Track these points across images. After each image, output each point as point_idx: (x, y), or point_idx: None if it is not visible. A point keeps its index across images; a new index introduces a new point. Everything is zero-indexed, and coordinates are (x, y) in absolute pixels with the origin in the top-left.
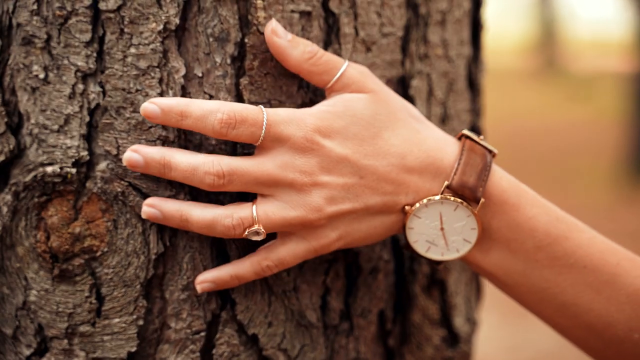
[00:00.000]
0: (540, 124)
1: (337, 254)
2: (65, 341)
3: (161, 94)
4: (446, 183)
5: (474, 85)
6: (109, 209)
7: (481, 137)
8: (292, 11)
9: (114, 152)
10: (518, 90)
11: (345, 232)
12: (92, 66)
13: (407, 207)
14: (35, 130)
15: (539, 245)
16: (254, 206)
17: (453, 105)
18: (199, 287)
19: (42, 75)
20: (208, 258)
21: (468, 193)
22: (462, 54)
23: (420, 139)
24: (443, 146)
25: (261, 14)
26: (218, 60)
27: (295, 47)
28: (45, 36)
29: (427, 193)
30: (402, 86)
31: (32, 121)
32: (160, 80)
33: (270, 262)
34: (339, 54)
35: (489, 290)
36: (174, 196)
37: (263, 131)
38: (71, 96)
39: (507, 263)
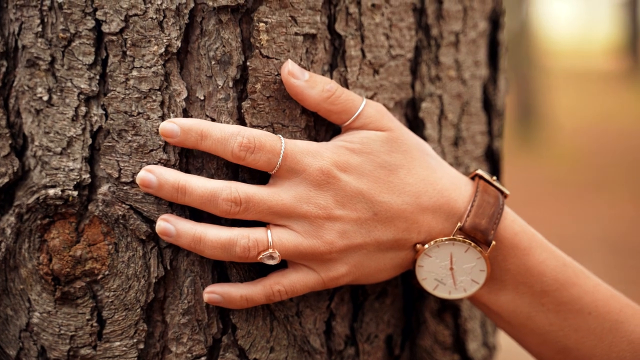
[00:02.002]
0: (627, 126)
1: None
2: None
3: (162, 118)
4: (459, 225)
5: (491, 107)
6: (110, 232)
7: (494, 178)
8: (296, 34)
9: (116, 175)
10: (605, 92)
11: (354, 267)
12: (94, 89)
13: (418, 246)
14: (39, 153)
15: (547, 290)
16: (269, 231)
17: (467, 127)
18: (206, 297)
19: (46, 97)
20: (209, 282)
21: (480, 236)
22: (478, 75)
23: (435, 179)
24: (457, 186)
25: (264, 36)
26: (220, 83)
27: (313, 87)
28: (49, 58)
29: (439, 233)
30: (412, 109)
31: (36, 143)
32: (162, 103)
33: (281, 287)
34: (345, 77)
35: None
36: None
37: (280, 160)
38: (74, 119)
39: (514, 304)
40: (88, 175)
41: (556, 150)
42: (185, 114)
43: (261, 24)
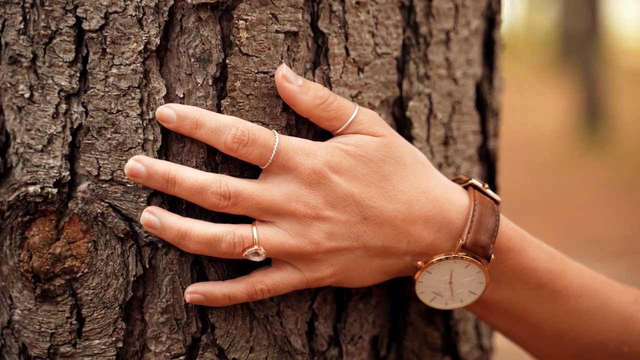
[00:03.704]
0: None
1: None
2: None
3: (141, 115)
4: (461, 242)
5: (485, 106)
6: (90, 230)
7: (485, 185)
8: (277, 31)
9: (95, 172)
10: None
11: (339, 270)
12: (75, 86)
13: (419, 263)
14: (21, 150)
15: (541, 283)
16: (254, 228)
17: (458, 126)
18: (187, 297)
19: (27, 95)
20: (188, 281)
21: (480, 251)
22: (470, 74)
23: (428, 187)
24: (450, 197)
25: (244, 34)
26: (199, 81)
27: (306, 93)
28: (31, 55)
29: (430, 244)
30: (399, 107)
31: (18, 140)
32: (141, 101)
33: (264, 286)
34: (328, 75)
35: None
36: None
37: (272, 155)
38: (54, 116)
39: (509, 300)
40: (68, 173)
41: (623, 150)
42: None
43: (241, 22)
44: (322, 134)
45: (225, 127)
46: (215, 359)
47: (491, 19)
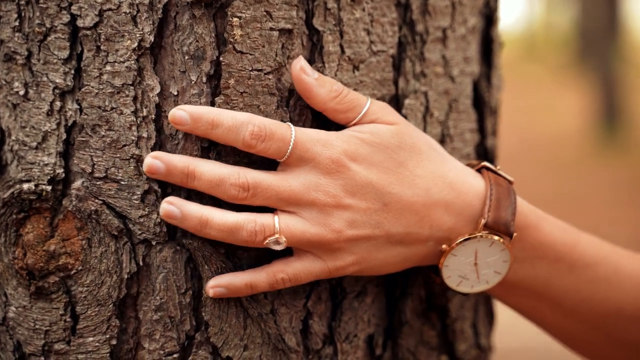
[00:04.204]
0: None
1: None
2: (42, 359)
3: (135, 113)
4: (483, 221)
5: (483, 104)
6: (84, 227)
7: (498, 167)
8: (271, 29)
9: (89, 170)
10: None
11: (362, 258)
12: (69, 83)
13: (444, 246)
14: (16, 147)
15: (559, 256)
16: (276, 217)
17: (455, 124)
18: (211, 292)
19: (22, 92)
20: (182, 279)
21: (502, 228)
22: (467, 72)
23: (444, 172)
24: (466, 179)
25: (237, 31)
26: (193, 78)
27: (322, 86)
28: (26, 53)
29: (451, 227)
30: (395, 105)
31: (13, 137)
32: (135, 99)
33: (285, 275)
34: (323, 73)
35: None
36: (147, 216)
37: (290, 148)
38: (49, 113)
39: (531, 278)
40: (62, 170)
41: None
42: (158, 109)
43: (235, 19)
44: None
45: (242, 125)
46: (209, 357)
47: (489, 16)
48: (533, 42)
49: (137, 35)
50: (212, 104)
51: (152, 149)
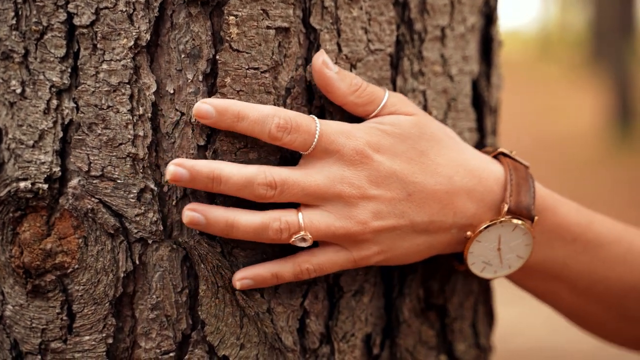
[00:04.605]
0: None
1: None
2: (39, 357)
3: (131, 111)
4: (506, 206)
5: (483, 103)
6: (80, 226)
7: (513, 152)
8: (268, 27)
9: (85, 168)
10: None
11: (387, 247)
12: (66, 82)
13: (469, 233)
14: (13, 145)
15: (575, 237)
16: (300, 213)
17: (453, 123)
18: (238, 284)
19: (19, 90)
20: (178, 278)
21: (525, 212)
22: (466, 71)
23: (464, 159)
24: (486, 166)
25: (234, 30)
26: (190, 76)
27: (342, 80)
28: (23, 51)
29: (474, 214)
30: None
31: (10, 136)
32: (131, 97)
33: (310, 266)
34: None
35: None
36: (143, 214)
37: (315, 140)
38: (46, 111)
39: (550, 259)
40: (59, 169)
41: None
42: (155, 107)
43: (231, 17)
44: None
45: (268, 117)
46: (205, 356)
47: (489, 15)
48: (548, 42)
49: (134, 33)
50: None
51: (149, 148)
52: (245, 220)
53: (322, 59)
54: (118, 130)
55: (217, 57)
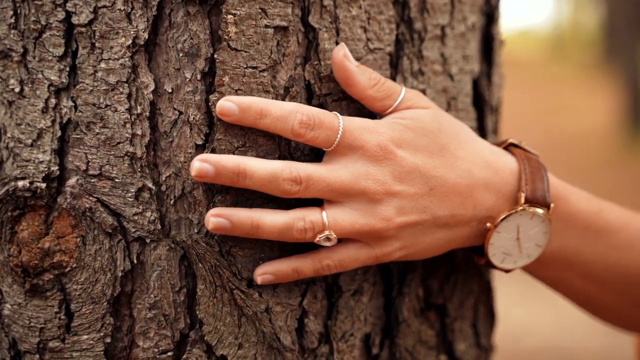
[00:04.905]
0: None
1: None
2: (37, 356)
3: (129, 110)
4: (523, 195)
5: (484, 102)
6: (78, 225)
7: (523, 142)
8: (266, 26)
9: (83, 167)
10: None
11: (409, 243)
12: (64, 80)
13: (488, 225)
14: (11, 144)
15: (587, 225)
16: (324, 212)
17: None
18: (259, 279)
19: (17, 89)
20: (176, 277)
21: (541, 200)
22: (467, 70)
23: (480, 151)
24: (499, 158)
25: (232, 29)
26: (188, 75)
27: (362, 74)
28: (21, 50)
29: (492, 206)
30: None
31: (9, 135)
32: (129, 96)
33: (330, 262)
34: (319, 70)
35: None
36: (141, 213)
37: (339, 136)
38: (44, 110)
39: (563, 249)
40: (57, 168)
41: None
42: (153, 106)
43: (229, 16)
44: None
45: (290, 114)
46: (203, 355)
47: (490, 14)
48: (560, 41)
49: (132, 32)
50: (207, 101)
51: (147, 147)
52: (270, 220)
53: (343, 52)
54: (116, 129)
55: (216, 56)
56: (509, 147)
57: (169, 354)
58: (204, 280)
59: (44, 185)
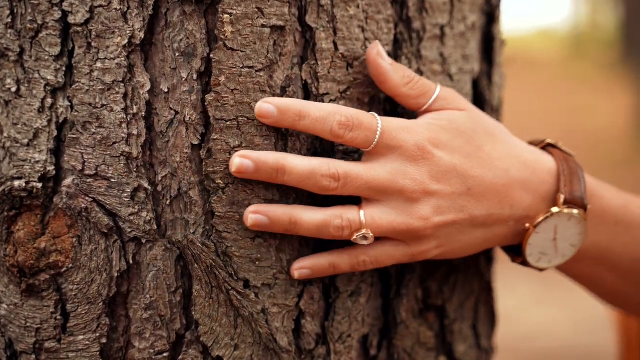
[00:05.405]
0: None
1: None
2: (33, 357)
3: (125, 110)
4: (562, 197)
5: (484, 102)
6: (74, 225)
7: (559, 143)
8: (263, 26)
9: (79, 167)
10: None
11: (445, 241)
12: (60, 80)
13: (527, 225)
14: (8, 144)
15: (617, 220)
16: (361, 210)
17: None
18: (296, 274)
19: (14, 89)
20: (172, 277)
21: (579, 202)
22: (467, 70)
23: (517, 152)
24: (537, 158)
25: (228, 28)
26: (184, 75)
27: (396, 71)
28: (18, 49)
29: (529, 206)
30: (391, 104)
31: (5, 134)
32: (125, 96)
33: (367, 258)
34: (316, 70)
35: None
36: (137, 214)
37: (377, 137)
38: (40, 110)
39: (595, 245)
40: (53, 168)
41: None
42: (149, 106)
43: (226, 16)
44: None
45: (330, 115)
46: (199, 356)
47: (490, 14)
48: (579, 41)
49: (128, 31)
50: (203, 101)
51: (143, 147)
52: (308, 217)
53: (376, 50)
54: (112, 129)
55: (212, 55)
56: (546, 147)
57: (165, 354)
58: (199, 280)
59: (40, 185)
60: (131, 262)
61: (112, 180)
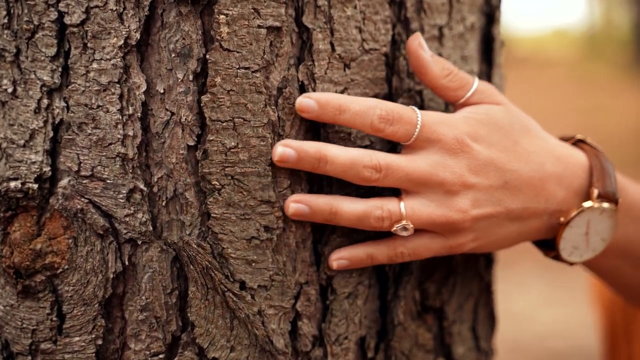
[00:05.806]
0: None
1: (309, 277)
2: (29, 358)
3: (121, 111)
4: (596, 191)
5: None
6: (70, 226)
7: (589, 139)
8: (259, 26)
9: (75, 168)
10: None
11: (482, 234)
12: (57, 81)
13: (562, 219)
14: (4, 145)
15: None
16: (402, 202)
17: None
18: (335, 264)
19: (10, 90)
20: (168, 279)
21: (611, 196)
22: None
23: (551, 147)
24: (570, 153)
25: (224, 29)
26: (180, 76)
27: (436, 63)
28: (14, 50)
29: (562, 200)
30: None
31: (1, 135)
32: (121, 97)
33: (404, 249)
34: (312, 71)
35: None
36: (132, 215)
37: (417, 130)
38: (36, 111)
39: (620, 239)
40: (49, 168)
41: None
42: (145, 107)
43: (222, 16)
44: (305, 131)
45: (369, 109)
46: (195, 358)
47: (490, 14)
48: (594, 41)
49: (124, 32)
50: (199, 102)
51: (138, 148)
52: (348, 207)
53: (418, 41)
54: (108, 130)
55: (208, 56)
56: (576, 142)
57: (161, 356)
58: (195, 282)
59: (36, 186)
60: (127, 263)
61: (108, 181)
